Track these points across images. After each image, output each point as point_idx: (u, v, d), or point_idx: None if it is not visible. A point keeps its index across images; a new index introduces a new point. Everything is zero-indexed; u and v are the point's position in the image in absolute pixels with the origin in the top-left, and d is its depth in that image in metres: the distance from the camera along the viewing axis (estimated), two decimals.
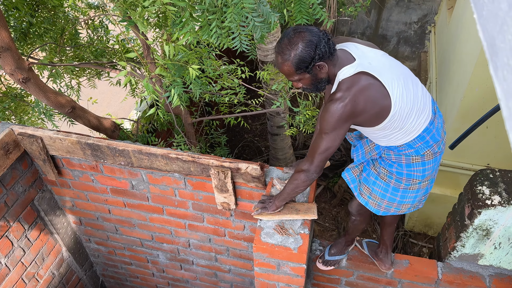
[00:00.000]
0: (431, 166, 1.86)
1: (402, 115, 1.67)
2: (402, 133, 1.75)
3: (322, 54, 1.61)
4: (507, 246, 2.19)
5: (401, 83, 1.67)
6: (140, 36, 2.22)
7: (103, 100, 7.06)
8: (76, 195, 2.91)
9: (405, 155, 1.82)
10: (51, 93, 2.76)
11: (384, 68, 1.67)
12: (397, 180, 1.88)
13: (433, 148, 1.81)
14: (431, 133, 1.78)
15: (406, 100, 1.67)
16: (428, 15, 6.08)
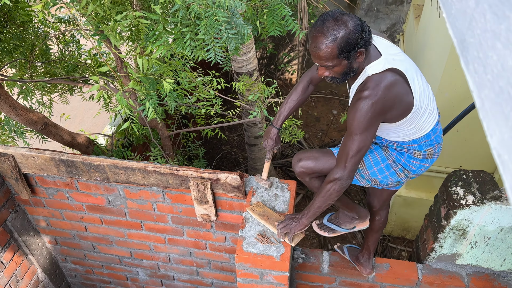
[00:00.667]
0: (426, 166, 1.88)
1: (419, 112, 1.68)
2: (415, 130, 1.75)
3: (365, 40, 1.54)
4: (482, 245, 2.24)
5: (420, 81, 1.67)
6: (113, 50, 2.19)
7: (76, 116, 6.92)
8: (51, 213, 2.83)
9: (408, 148, 1.84)
10: (22, 109, 2.70)
11: (405, 63, 1.64)
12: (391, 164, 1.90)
13: (435, 148, 1.84)
14: (436, 133, 1.82)
15: (423, 97, 1.67)
16: (397, 24, 6.26)
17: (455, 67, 3.37)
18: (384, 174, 1.91)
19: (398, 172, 1.91)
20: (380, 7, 6.08)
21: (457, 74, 3.40)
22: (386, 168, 1.90)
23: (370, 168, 1.91)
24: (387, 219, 2.36)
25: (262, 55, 6.48)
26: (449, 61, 3.36)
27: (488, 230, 2.15)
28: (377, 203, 2.26)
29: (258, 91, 3.04)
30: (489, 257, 2.30)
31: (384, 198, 2.23)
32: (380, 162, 1.90)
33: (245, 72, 3.98)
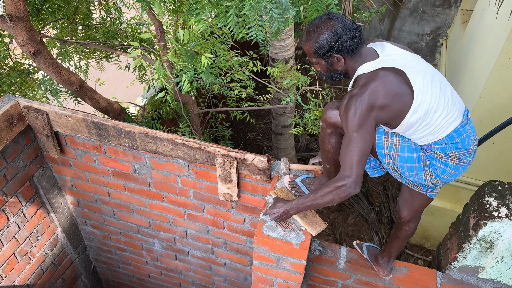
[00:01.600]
0: (452, 173, 1.78)
1: (426, 107, 1.63)
2: (429, 129, 1.69)
3: (341, 48, 1.65)
4: (509, 261, 2.16)
5: (427, 78, 1.65)
6: (157, 17, 2.19)
7: (109, 86, 7.03)
8: (76, 175, 2.88)
9: (430, 149, 1.77)
10: (61, 68, 2.73)
11: (409, 63, 1.66)
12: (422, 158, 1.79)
13: (460, 153, 1.75)
14: (462, 136, 1.73)
15: (431, 94, 1.64)
16: (441, 28, 6.07)
17: (500, 77, 3.24)
18: (412, 165, 1.78)
19: (426, 170, 1.79)
20: (426, 9, 5.90)
21: (501, 84, 3.27)
22: (417, 160, 1.78)
23: (403, 151, 1.77)
24: (416, 230, 2.26)
25: (299, 45, 6.40)
26: (494, 70, 3.24)
27: None
28: (407, 214, 2.14)
29: (293, 78, 2.99)
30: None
31: (415, 208, 2.11)
32: (414, 151, 1.78)
33: (281, 58, 3.93)
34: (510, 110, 3.33)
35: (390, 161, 1.80)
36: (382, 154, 1.80)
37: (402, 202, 2.14)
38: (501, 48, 3.07)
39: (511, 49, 3.04)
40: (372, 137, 1.65)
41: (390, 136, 1.77)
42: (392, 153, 1.78)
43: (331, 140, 1.88)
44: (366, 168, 2.01)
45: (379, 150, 1.78)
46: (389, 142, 1.76)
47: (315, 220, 2.01)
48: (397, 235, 2.25)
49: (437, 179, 1.81)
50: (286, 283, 2.16)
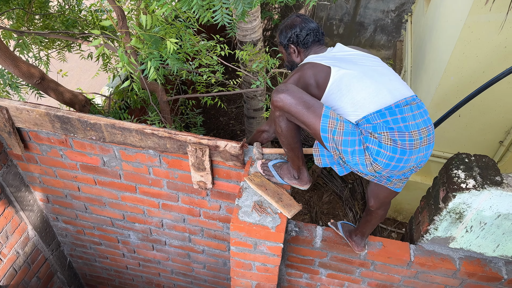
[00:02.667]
0: (388, 155, 1.75)
1: (342, 87, 1.82)
2: (352, 106, 1.80)
3: (295, 40, 2.03)
4: (478, 230, 2.24)
5: (355, 65, 1.88)
6: (116, 3, 2.10)
7: (73, 76, 6.80)
8: (43, 171, 2.78)
9: (364, 129, 1.78)
10: (20, 61, 2.61)
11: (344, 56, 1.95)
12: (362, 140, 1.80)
13: (393, 134, 1.73)
14: (395, 116, 1.74)
15: (349, 76, 1.82)
16: (405, 4, 6.13)
17: (463, 51, 3.30)
18: (354, 148, 1.79)
19: (366, 152, 1.78)
20: None
21: (465, 58, 3.33)
22: (358, 143, 1.78)
23: (346, 135, 1.78)
24: (386, 214, 2.28)
25: (266, 26, 6.34)
26: (458, 44, 3.29)
27: (485, 215, 2.14)
28: (374, 203, 2.15)
29: (262, 61, 2.96)
30: (482, 242, 2.30)
31: (382, 200, 2.12)
32: (356, 135, 1.78)
33: (249, 41, 3.88)
34: (474, 83, 3.41)
35: (333, 145, 1.80)
36: (326, 138, 1.79)
37: (370, 192, 2.15)
38: (464, 22, 3.12)
39: (474, 24, 3.10)
40: (296, 83, 1.93)
41: (334, 120, 1.77)
42: (336, 137, 1.78)
43: (281, 124, 1.88)
44: (329, 164, 2.02)
45: (323, 133, 1.78)
46: (333, 126, 1.77)
47: (290, 203, 2.02)
48: (368, 219, 2.28)
49: (375, 163, 1.77)
50: (265, 266, 2.17)
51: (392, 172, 1.83)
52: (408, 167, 1.81)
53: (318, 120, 1.77)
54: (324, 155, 2.00)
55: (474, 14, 3.05)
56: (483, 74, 3.35)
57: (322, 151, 2.00)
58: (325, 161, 2.01)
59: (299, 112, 1.78)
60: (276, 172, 2.14)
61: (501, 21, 2.92)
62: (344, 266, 2.56)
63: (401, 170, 1.82)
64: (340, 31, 6.92)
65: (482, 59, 3.28)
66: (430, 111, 3.77)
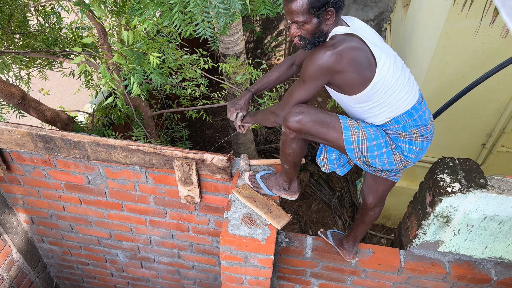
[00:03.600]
0: (418, 150, 1.81)
1: (385, 86, 1.67)
2: (387, 107, 1.73)
3: (336, 1, 1.61)
4: (465, 233, 2.26)
5: (390, 58, 1.68)
6: (97, 20, 2.09)
7: (55, 94, 6.72)
8: (27, 192, 2.72)
9: (392, 130, 1.79)
10: (0, 81, 2.57)
11: (375, 40, 1.70)
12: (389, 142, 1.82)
13: (420, 129, 1.79)
14: (419, 113, 1.78)
15: (392, 73, 1.67)
16: (384, 13, 6.25)
17: (443, 57, 3.37)
18: (381, 151, 1.80)
19: (394, 153, 1.81)
20: None
21: (444, 64, 3.40)
22: (385, 145, 1.80)
23: (370, 140, 1.79)
24: (380, 213, 2.30)
25: (249, 38, 6.38)
26: (436, 51, 3.36)
27: (472, 218, 2.17)
28: (372, 200, 2.15)
29: (246, 73, 2.97)
30: (471, 245, 2.32)
31: (380, 194, 2.14)
32: (380, 138, 1.80)
33: (232, 53, 3.90)
34: (454, 88, 3.48)
35: (359, 153, 1.82)
36: (351, 149, 1.79)
37: (367, 189, 2.15)
38: (441, 29, 3.19)
39: (451, 30, 3.17)
40: (316, 91, 1.72)
41: (355, 129, 1.77)
42: (361, 145, 1.79)
43: (292, 145, 1.87)
44: (336, 167, 2.05)
45: (348, 145, 1.78)
46: (356, 135, 1.77)
47: (279, 214, 2.01)
48: (363, 220, 2.28)
49: (406, 160, 1.83)
50: (256, 279, 2.15)
51: (414, 163, 1.89)
52: None
53: (340, 135, 1.77)
54: (332, 160, 2.03)
55: (451, 21, 3.12)
56: (463, 79, 3.42)
57: (330, 156, 2.03)
58: (332, 166, 2.05)
59: (319, 131, 1.77)
60: (264, 184, 2.13)
61: (476, 27, 3.00)
62: (336, 275, 2.55)
63: None
64: None
65: (461, 64, 3.35)
66: None
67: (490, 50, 3.19)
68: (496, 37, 3.07)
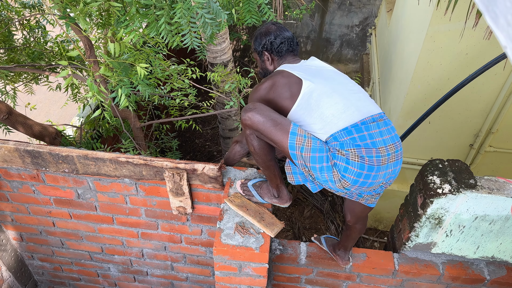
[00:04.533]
0: (356, 171, 1.74)
1: (312, 102, 1.82)
2: (320, 123, 1.79)
3: (269, 47, 2.03)
4: (457, 233, 2.27)
5: (325, 80, 1.88)
6: (83, 33, 2.08)
7: (42, 108, 6.65)
8: (15, 208, 2.68)
9: (332, 147, 1.78)
10: None
11: (315, 70, 1.95)
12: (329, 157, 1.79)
13: (361, 151, 1.73)
14: (361, 133, 1.74)
15: (322, 91, 1.82)
16: (369, 18, 6.32)
17: (428, 60, 3.41)
18: (322, 164, 1.78)
19: (333, 169, 1.78)
20: (353, 1, 6.11)
21: (430, 66, 3.45)
22: (326, 159, 1.78)
23: (314, 151, 1.78)
24: (365, 228, 2.27)
25: (236, 47, 6.41)
26: (422, 54, 3.40)
27: (463, 218, 2.19)
28: (351, 218, 2.12)
29: (234, 81, 2.97)
30: (463, 245, 2.33)
31: (357, 214, 2.09)
32: (324, 151, 1.79)
33: (219, 62, 3.90)
34: (440, 90, 3.52)
35: (302, 162, 1.81)
36: (294, 155, 1.80)
37: (346, 207, 2.12)
38: (426, 32, 3.24)
39: (435, 33, 3.22)
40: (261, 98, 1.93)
41: (302, 137, 1.78)
42: (304, 154, 1.78)
43: (253, 142, 1.88)
44: (304, 182, 2.01)
45: (292, 150, 1.79)
46: (301, 143, 1.78)
47: (272, 221, 2.01)
48: (348, 234, 2.26)
49: (344, 179, 1.77)
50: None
51: (361, 188, 1.81)
52: (377, 183, 1.80)
53: (286, 137, 1.78)
54: (296, 172, 1.99)
55: (434, 25, 3.17)
56: (448, 81, 3.46)
57: (294, 169, 1.99)
58: (297, 179, 1.99)
59: (267, 129, 1.80)
60: (256, 192, 2.13)
61: (460, 29, 3.04)
62: (331, 281, 2.54)
63: (370, 186, 1.80)
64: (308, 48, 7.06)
65: (446, 66, 3.40)
66: (401, 120, 3.87)
67: (474, 52, 3.24)
68: (479, 39, 3.13)
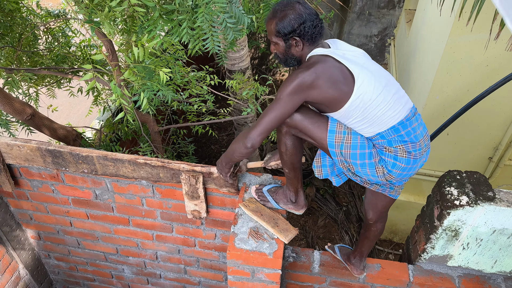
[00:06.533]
0: (403, 167, 1.80)
1: (365, 101, 1.69)
2: (369, 123, 1.74)
3: (303, 32, 1.72)
4: (474, 246, 2.24)
5: (371, 74, 1.71)
6: (108, 36, 2.13)
7: (62, 111, 6.80)
8: (34, 207, 2.74)
9: (378, 144, 1.79)
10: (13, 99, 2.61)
11: (357, 60, 1.74)
12: (373, 154, 1.82)
13: (408, 146, 1.77)
14: (407, 129, 1.76)
15: (373, 89, 1.69)
16: (388, 28, 6.31)
17: (447, 71, 3.39)
18: (364, 161, 1.80)
19: (377, 165, 1.81)
20: (372, 11, 6.11)
21: (449, 77, 3.42)
22: (369, 156, 1.80)
23: (354, 148, 1.80)
24: (384, 229, 2.29)
25: (254, 55, 6.46)
26: (441, 65, 3.38)
27: (481, 231, 2.15)
28: (373, 215, 2.15)
29: (252, 89, 3.00)
30: (480, 259, 2.29)
31: (380, 209, 2.12)
32: (366, 148, 1.80)
33: (237, 70, 3.94)
34: (459, 101, 3.48)
35: (342, 158, 1.82)
36: (334, 153, 1.82)
37: (367, 204, 2.15)
38: (446, 43, 3.22)
39: (455, 44, 3.20)
40: (291, 111, 1.72)
41: (341, 134, 1.78)
42: (344, 150, 1.80)
43: (286, 142, 1.87)
44: (330, 175, 2.03)
45: (331, 148, 1.80)
46: (340, 140, 1.78)
47: (286, 228, 2.01)
48: (366, 236, 2.27)
49: (389, 174, 1.82)
50: None
51: (402, 179, 1.87)
52: (414, 173, 1.87)
53: (325, 135, 1.78)
54: (325, 165, 2.01)
55: (455, 35, 3.14)
56: (468, 92, 3.42)
57: (324, 161, 2.01)
58: (326, 172, 2.02)
59: (307, 127, 1.79)
60: (271, 197, 2.13)
61: (481, 40, 3.02)
62: None
63: (409, 177, 1.88)
64: None
65: (465, 78, 3.36)
66: None
67: (494, 64, 3.20)
68: (500, 51, 3.09)
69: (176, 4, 1.84)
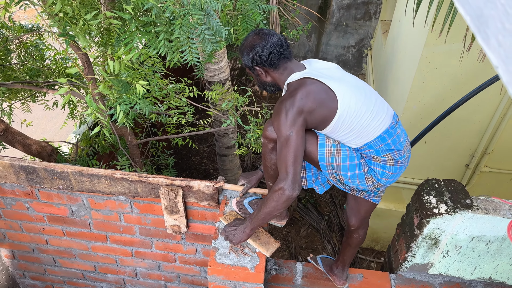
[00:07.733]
0: (391, 174, 1.83)
1: (351, 114, 1.70)
2: (355, 135, 1.76)
3: (260, 61, 1.79)
4: (454, 254, 2.26)
5: (351, 87, 1.74)
6: (83, 50, 2.09)
7: (38, 125, 6.64)
8: (8, 225, 2.64)
9: (366, 154, 1.81)
10: None
11: (333, 75, 1.77)
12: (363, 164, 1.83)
13: (394, 154, 1.80)
14: (392, 137, 1.79)
15: (355, 101, 1.71)
16: (365, 39, 6.41)
17: (423, 80, 3.45)
18: (354, 172, 1.82)
19: (367, 175, 1.84)
20: (349, 22, 6.21)
21: (425, 87, 3.48)
22: (358, 167, 1.82)
23: (344, 160, 1.80)
24: (366, 236, 2.30)
25: (233, 66, 6.46)
26: (417, 74, 3.44)
27: (460, 239, 2.17)
28: (355, 222, 2.16)
29: (231, 100, 2.99)
30: (460, 266, 2.31)
31: (362, 216, 2.15)
32: (355, 159, 1.82)
33: (217, 81, 3.93)
34: (436, 110, 3.55)
35: (332, 171, 1.84)
36: (324, 166, 1.83)
37: (349, 211, 2.17)
38: (421, 53, 3.28)
39: (430, 54, 3.26)
40: (303, 139, 1.69)
41: (331, 147, 1.80)
42: (334, 163, 1.81)
43: (272, 156, 1.88)
44: (314, 185, 2.05)
45: (322, 162, 1.81)
46: (330, 153, 1.80)
47: (268, 241, 1.99)
48: (349, 243, 2.28)
49: (378, 182, 1.86)
50: None
51: (387, 186, 1.91)
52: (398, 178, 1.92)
53: (315, 150, 1.79)
54: (310, 176, 2.02)
55: (429, 46, 3.21)
56: (444, 101, 3.49)
57: (309, 172, 2.02)
58: (310, 182, 2.03)
59: None
60: (252, 210, 2.11)
61: (455, 51, 3.09)
62: None
63: (393, 183, 1.92)
64: None
65: (441, 87, 3.44)
66: None
67: (469, 73, 3.28)
68: (474, 61, 3.17)
69: (153, 16, 1.83)
